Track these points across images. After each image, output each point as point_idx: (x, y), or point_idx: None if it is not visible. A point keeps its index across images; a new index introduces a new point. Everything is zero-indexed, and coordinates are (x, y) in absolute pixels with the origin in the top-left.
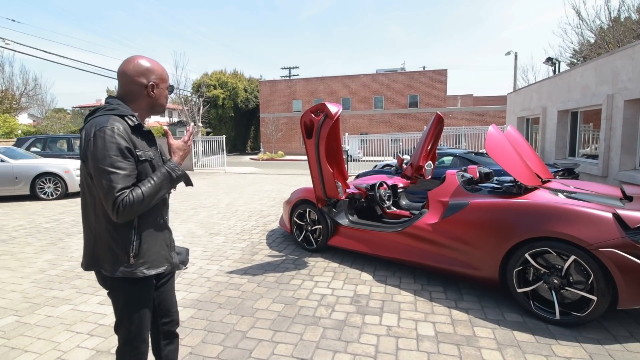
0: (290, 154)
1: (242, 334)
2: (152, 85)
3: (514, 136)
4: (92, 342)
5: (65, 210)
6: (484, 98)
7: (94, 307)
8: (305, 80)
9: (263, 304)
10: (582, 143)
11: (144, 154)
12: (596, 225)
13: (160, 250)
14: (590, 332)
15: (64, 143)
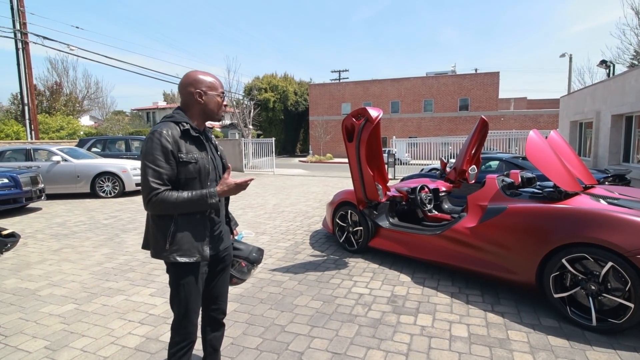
0: (339, 156)
1: (281, 327)
2: (199, 92)
3: (557, 141)
4: (142, 330)
5: (122, 208)
6: (538, 101)
7: (146, 298)
8: (354, 84)
9: (302, 300)
10: (636, 149)
11: (187, 156)
12: (635, 231)
13: (193, 241)
14: (627, 339)
15: (122, 144)
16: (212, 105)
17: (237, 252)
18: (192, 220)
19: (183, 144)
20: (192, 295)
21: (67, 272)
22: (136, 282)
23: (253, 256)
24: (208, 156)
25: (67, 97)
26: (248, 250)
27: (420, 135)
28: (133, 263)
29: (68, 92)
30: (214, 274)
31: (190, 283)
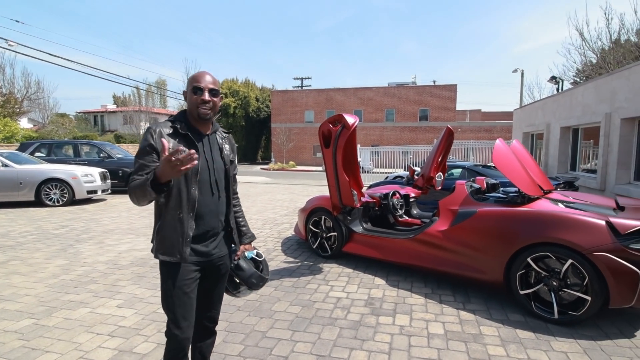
0: (302, 164)
1: (262, 333)
2: (185, 93)
3: (519, 149)
4: (113, 343)
5: (74, 217)
6: (492, 113)
7: (113, 310)
8: (317, 91)
9: (281, 306)
10: (582, 158)
11: None
12: (591, 231)
13: (173, 242)
14: (585, 329)
15: (69, 149)
16: (189, 104)
17: (238, 271)
18: (175, 219)
19: (170, 141)
20: (175, 299)
21: (18, 285)
22: (100, 294)
23: (251, 281)
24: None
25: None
26: (249, 274)
27: (383, 144)
28: (94, 274)
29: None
30: (207, 281)
31: (176, 285)
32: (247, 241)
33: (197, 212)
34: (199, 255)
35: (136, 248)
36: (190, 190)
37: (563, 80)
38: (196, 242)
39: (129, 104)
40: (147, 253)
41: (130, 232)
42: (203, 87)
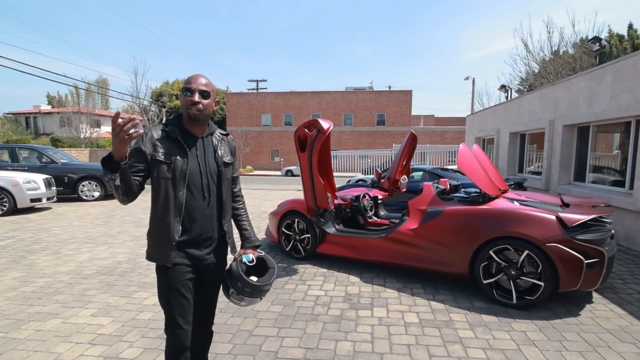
0: (260, 169)
1: (249, 332)
2: (180, 95)
3: (479, 153)
4: (96, 350)
5: (18, 227)
6: (444, 119)
7: (88, 319)
8: (274, 94)
9: (263, 306)
10: (528, 161)
11: (161, 156)
12: (544, 225)
13: (160, 245)
14: (539, 311)
15: (5, 153)
16: (181, 104)
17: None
18: (162, 223)
19: (160, 145)
20: (171, 299)
21: None
22: (69, 304)
23: (237, 285)
24: (188, 159)
25: None
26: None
27: (341, 149)
28: (57, 285)
29: None
30: (203, 283)
31: (169, 286)
32: (248, 245)
33: (188, 215)
34: (192, 258)
35: (98, 257)
36: (178, 194)
37: (512, 89)
38: (189, 246)
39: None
40: (112, 262)
41: (88, 241)
42: (194, 88)
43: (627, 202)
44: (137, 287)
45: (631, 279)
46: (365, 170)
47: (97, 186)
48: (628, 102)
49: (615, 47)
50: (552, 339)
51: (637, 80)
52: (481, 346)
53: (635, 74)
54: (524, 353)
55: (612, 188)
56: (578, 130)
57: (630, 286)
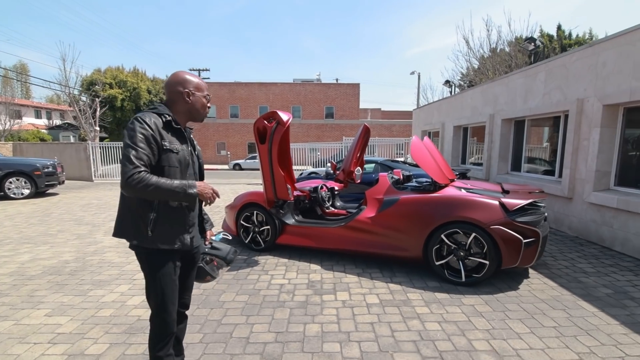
0: (206, 162)
1: (217, 322)
2: (187, 92)
3: (429, 145)
4: (58, 349)
5: None
6: (391, 112)
7: (43, 320)
8: (219, 85)
9: (228, 297)
10: (470, 153)
11: (170, 145)
12: (488, 210)
13: (174, 230)
14: (485, 287)
15: None
16: (198, 106)
17: (215, 251)
18: (171, 210)
19: (165, 134)
20: (168, 285)
21: None
22: (18, 306)
23: (230, 257)
24: (184, 152)
25: None
26: (226, 251)
27: (291, 142)
28: (0, 287)
29: None
30: (183, 269)
31: (167, 273)
32: (209, 227)
33: None
34: (183, 244)
35: (41, 257)
36: None
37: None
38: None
39: None
40: (58, 261)
41: (26, 241)
42: (209, 94)
43: (557, 188)
44: (92, 285)
45: (560, 257)
46: (316, 163)
47: (26, 183)
48: (558, 99)
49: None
50: (496, 310)
51: (566, 78)
52: (436, 320)
53: (564, 73)
54: (473, 323)
55: (544, 177)
56: (515, 124)
57: (560, 262)
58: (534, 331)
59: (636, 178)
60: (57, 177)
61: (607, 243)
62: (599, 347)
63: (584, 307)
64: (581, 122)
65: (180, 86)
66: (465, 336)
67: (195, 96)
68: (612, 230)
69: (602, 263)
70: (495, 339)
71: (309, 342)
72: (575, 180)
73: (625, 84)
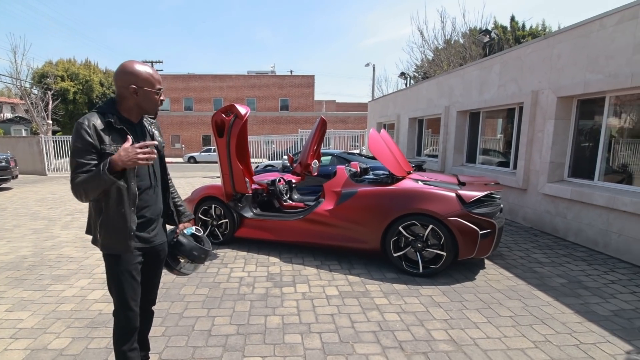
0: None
1: (179, 315)
2: (133, 88)
3: (386, 137)
4: (21, 344)
5: None
6: (346, 104)
7: (3, 315)
8: (172, 77)
9: (188, 290)
10: (425, 145)
11: (109, 148)
12: (445, 202)
13: (117, 234)
14: (442, 278)
15: None
16: (148, 102)
17: (179, 247)
18: (117, 215)
19: (105, 136)
20: (124, 283)
21: None
22: None
23: (193, 254)
24: None
25: None
26: (189, 247)
27: None
28: None
29: None
30: (147, 266)
31: (122, 272)
32: (185, 220)
33: (141, 202)
34: (143, 241)
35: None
36: (130, 185)
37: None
38: (140, 230)
39: None
40: (16, 256)
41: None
42: (161, 88)
43: (512, 180)
44: (51, 280)
45: (515, 247)
46: (272, 156)
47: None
48: (513, 91)
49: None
50: (454, 300)
51: (520, 70)
52: (395, 310)
53: (519, 65)
54: (431, 313)
55: (499, 168)
56: (470, 116)
57: (515, 253)
58: (491, 321)
59: (589, 169)
60: (10, 171)
61: (561, 233)
62: (554, 336)
63: (539, 296)
64: (536, 114)
65: (127, 80)
66: (424, 326)
67: (143, 91)
68: (566, 221)
69: (556, 253)
70: (453, 329)
71: (270, 334)
72: (529, 171)
73: (579, 76)
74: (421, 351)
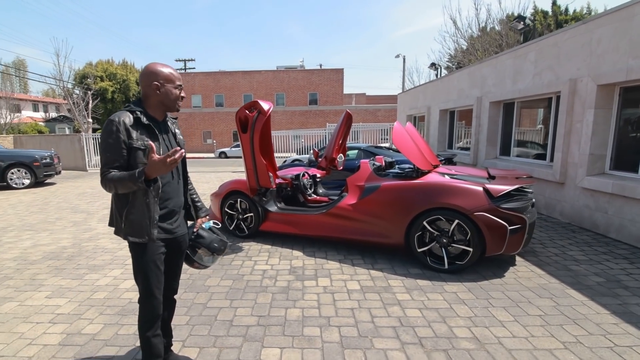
0: (192, 151)
1: (203, 305)
2: (156, 85)
3: (412, 130)
4: (58, 328)
5: None
6: (376, 97)
7: (44, 301)
8: (204, 74)
9: (213, 282)
10: (457, 137)
11: (137, 143)
12: (472, 196)
13: (142, 224)
14: (469, 274)
15: None
16: (170, 97)
17: (199, 239)
18: (142, 203)
19: (134, 132)
20: (149, 272)
21: None
22: (21, 289)
23: (213, 246)
24: (160, 144)
25: None
26: (209, 240)
27: (274, 129)
28: (5, 271)
29: None
30: (170, 256)
31: (147, 261)
32: (202, 214)
33: (164, 195)
34: (166, 232)
35: (41, 243)
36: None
37: (441, 67)
38: (163, 220)
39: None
40: (56, 247)
41: (27, 229)
42: (182, 84)
43: (548, 173)
44: (87, 270)
45: (550, 244)
46: (300, 150)
47: (27, 173)
48: (549, 79)
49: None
50: (479, 297)
51: (557, 58)
52: (417, 306)
53: (556, 52)
54: (455, 310)
55: (534, 161)
56: (504, 107)
57: (549, 249)
58: (518, 319)
59: (633, 162)
60: (54, 167)
61: (601, 230)
62: (587, 337)
63: (572, 295)
64: (574, 104)
65: (150, 79)
66: (446, 323)
67: (165, 88)
68: (607, 217)
69: (595, 250)
70: (477, 327)
71: (289, 326)
72: (567, 164)
73: (621, 63)
74: (442, 348)
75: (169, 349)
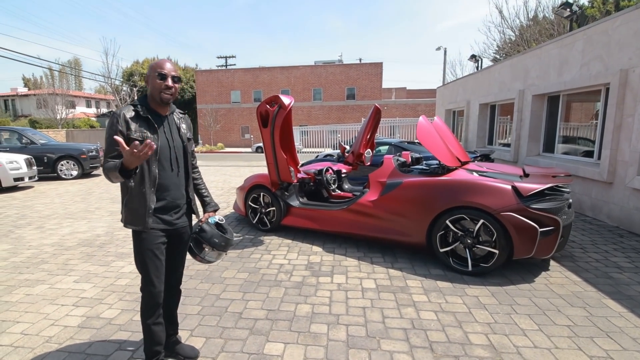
0: (230, 146)
1: (216, 296)
2: (145, 77)
3: (440, 125)
4: (80, 311)
5: (4, 205)
6: (416, 91)
7: (71, 285)
8: (243, 71)
9: (229, 274)
10: (499, 133)
11: (134, 134)
12: (498, 195)
13: (138, 213)
14: (494, 278)
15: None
16: (154, 87)
17: (201, 233)
18: (139, 194)
19: (133, 124)
20: (147, 260)
21: None
22: (54, 272)
23: (213, 241)
24: (159, 137)
25: None
26: (210, 234)
27: (311, 124)
28: (43, 256)
29: None
30: (172, 246)
31: (144, 250)
32: (210, 209)
33: (161, 186)
34: (165, 223)
35: (78, 231)
36: (152, 168)
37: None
38: (162, 212)
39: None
40: (91, 235)
41: (68, 217)
42: (166, 73)
43: (595, 172)
44: (115, 257)
45: (591, 248)
46: (335, 145)
47: (74, 165)
48: (598, 70)
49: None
50: (503, 303)
51: (607, 46)
52: (433, 309)
53: (606, 40)
54: (473, 315)
55: (580, 159)
56: (548, 100)
57: (589, 255)
58: (543, 329)
59: None
60: (99, 160)
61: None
62: (619, 352)
63: (609, 305)
64: (625, 96)
65: (147, 73)
66: (462, 328)
67: (150, 78)
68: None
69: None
70: (495, 334)
71: (297, 321)
72: (616, 162)
73: None
74: (452, 354)
75: (174, 337)
